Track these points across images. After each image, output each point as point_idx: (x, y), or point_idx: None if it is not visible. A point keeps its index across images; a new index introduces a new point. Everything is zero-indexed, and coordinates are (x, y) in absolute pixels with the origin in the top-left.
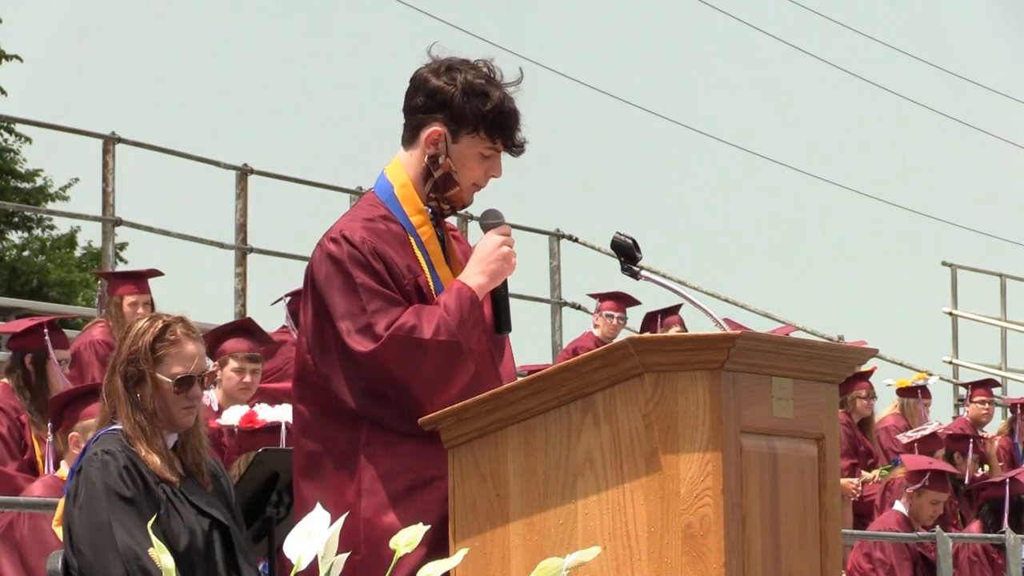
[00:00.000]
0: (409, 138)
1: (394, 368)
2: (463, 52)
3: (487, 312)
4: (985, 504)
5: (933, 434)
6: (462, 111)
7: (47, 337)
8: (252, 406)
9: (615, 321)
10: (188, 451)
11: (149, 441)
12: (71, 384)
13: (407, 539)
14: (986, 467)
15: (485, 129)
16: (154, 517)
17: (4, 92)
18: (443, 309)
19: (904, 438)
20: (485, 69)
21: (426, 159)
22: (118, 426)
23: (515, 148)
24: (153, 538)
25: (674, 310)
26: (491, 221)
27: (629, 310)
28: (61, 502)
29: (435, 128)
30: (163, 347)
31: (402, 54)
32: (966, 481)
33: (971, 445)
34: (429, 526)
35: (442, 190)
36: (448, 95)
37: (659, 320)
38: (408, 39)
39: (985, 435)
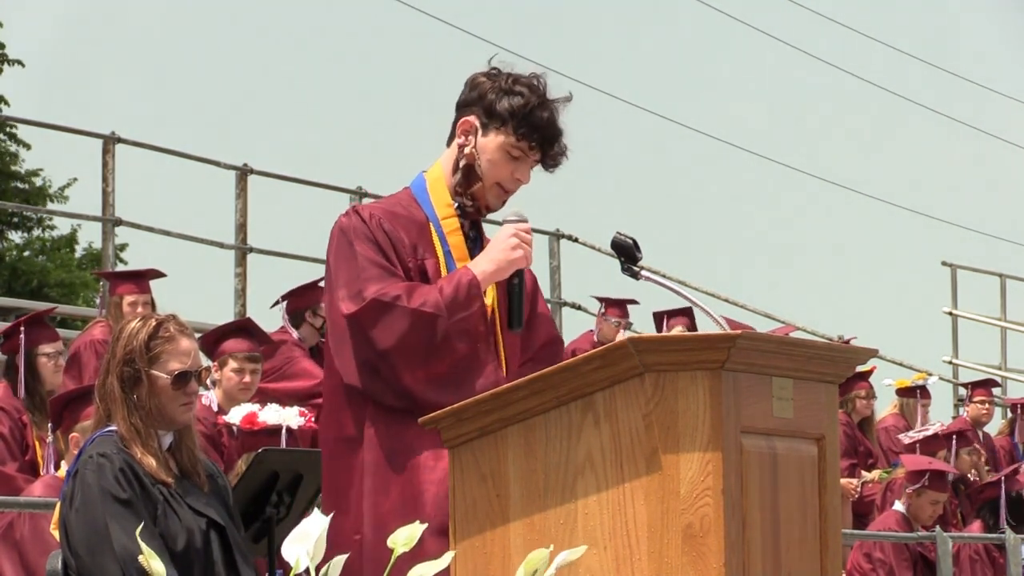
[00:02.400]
0: (450, 134)
1: (374, 332)
2: (464, 51)
3: (493, 307)
4: (985, 505)
5: (935, 435)
6: (494, 105)
7: (22, 336)
8: (263, 406)
9: (618, 327)
10: (183, 451)
11: (144, 443)
12: (62, 375)
13: (405, 537)
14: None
15: (513, 127)
16: (144, 521)
17: (7, 103)
18: (438, 289)
19: (906, 438)
20: (534, 80)
21: (457, 149)
22: (113, 428)
23: (548, 159)
24: (142, 544)
25: (686, 312)
26: (512, 219)
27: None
28: (58, 505)
29: (468, 118)
30: (158, 345)
31: (402, 54)
32: (949, 478)
33: (954, 441)
34: (426, 524)
35: (465, 184)
36: (485, 89)
37: (665, 320)
38: (408, 39)
39: (978, 451)
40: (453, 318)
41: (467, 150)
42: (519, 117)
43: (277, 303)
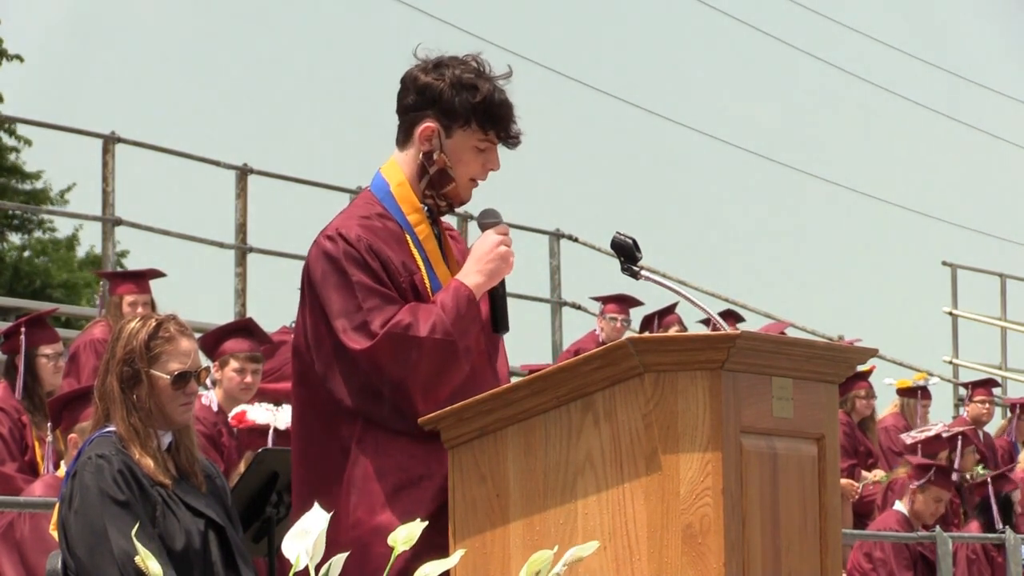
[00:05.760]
0: (403, 138)
1: (389, 365)
2: (461, 52)
3: (484, 311)
4: (979, 505)
5: (938, 436)
6: (452, 105)
7: (23, 336)
8: (254, 403)
9: (618, 323)
10: (182, 452)
11: (143, 443)
12: (62, 376)
13: (405, 536)
14: (979, 468)
15: (477, 121)
16: (143, 522)
17: (2, 99)
18: (440, 308)
19: (908, 438)
20: (474, 63)
21: (421, 156)
22: (112, 428)
23: (511, 140)
24: (138, 545)
25: (671, 310)
26: (489, 220)
27: (631, 311)
28: (57, 506)
29: (427, 124)
30: (158, 345)
31: (401, 54)
32: (955, 477)
33: (959, 442)
34: (426, 523)
35: (438, 187)
36: (437, 90)
37: (656, 321)
38: (407, 39)
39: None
40: (462, 338)
41: (436, 156)
42: (480, 111)
43: None
